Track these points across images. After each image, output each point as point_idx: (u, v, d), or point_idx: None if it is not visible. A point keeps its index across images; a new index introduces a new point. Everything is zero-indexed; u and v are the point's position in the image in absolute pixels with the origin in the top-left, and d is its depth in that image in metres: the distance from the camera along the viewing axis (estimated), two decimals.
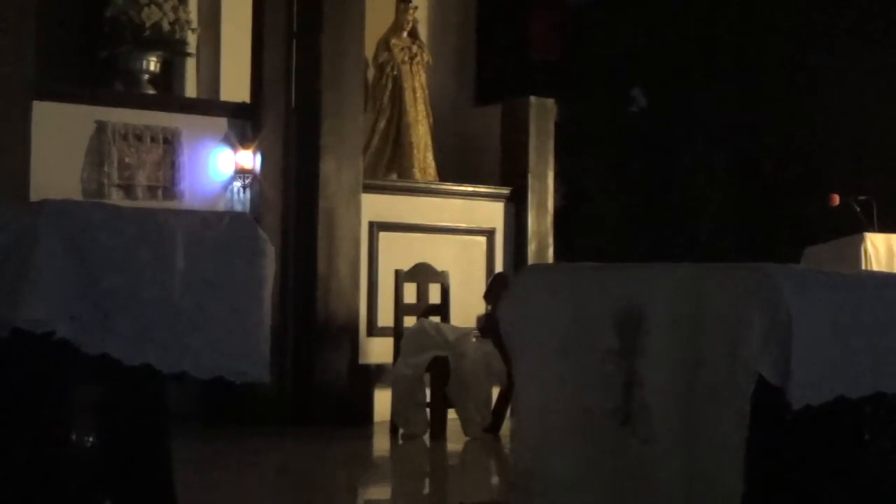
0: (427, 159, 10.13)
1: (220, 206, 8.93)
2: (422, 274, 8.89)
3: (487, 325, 8.53)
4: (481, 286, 9.24)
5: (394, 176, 10.02)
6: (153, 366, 3.66)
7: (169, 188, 8.95)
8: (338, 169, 9.02)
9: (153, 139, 8.93)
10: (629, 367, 3.87)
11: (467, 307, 9.22)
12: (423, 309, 8.82)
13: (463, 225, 9.89)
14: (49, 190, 7.27)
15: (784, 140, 10.45)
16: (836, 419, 3.80)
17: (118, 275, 3.61)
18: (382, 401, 8.75)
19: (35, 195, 7.72)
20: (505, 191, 10.16)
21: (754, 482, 3.58)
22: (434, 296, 8.91)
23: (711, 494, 3.65)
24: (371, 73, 10.18)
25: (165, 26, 9.49)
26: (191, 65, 9.95)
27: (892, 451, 4.01)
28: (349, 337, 8.97)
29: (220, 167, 9.14)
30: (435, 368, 8.26)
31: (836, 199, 8.40)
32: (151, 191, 8.90)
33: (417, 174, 10.01)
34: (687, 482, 3.72)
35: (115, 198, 8.66)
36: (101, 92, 9.16)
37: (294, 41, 9.16)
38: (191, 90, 9.93)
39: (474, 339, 8.39)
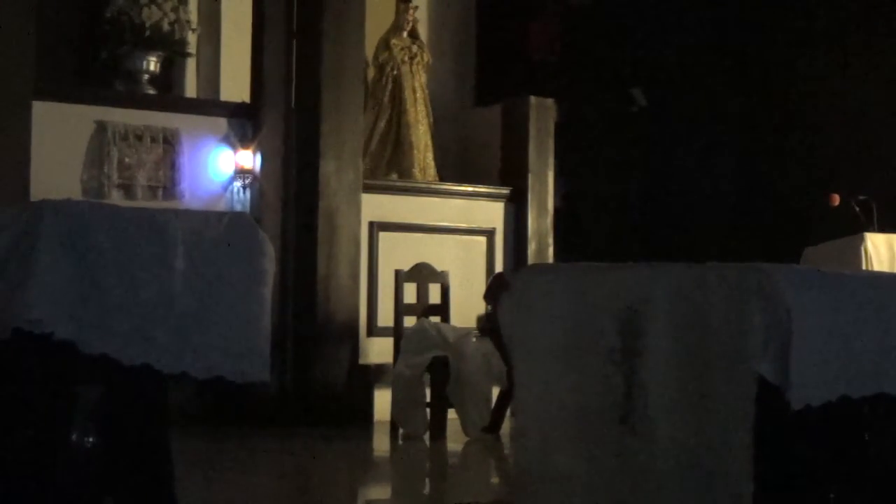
0: (427, 159, 10.12)
1: (220, 206, 8.93)
2: (422, 274, 8.88)
3: (487, 325, 8.52)
4: (481, 286, 9.23)
5: (394, 176, 10.02)
6: (153, 366, 3.66)
7: (169, 188, 8.95)
8: (338, 169, 9.02)
9: (153, 139, 8.94)
10: (629, 367, 3.87)
11: (467, 307, 9.21)
12: (423, 309, 8.81)
13: (463, 225, 9.89)
14: (49, 190, 7.26)
15: (784, 140, 10.45)
16: (836, 419, 3.80)
17: (118, 274, 3.61)
18: (382, 401, 8.74)
19: (35, 195, 7.72)
20: (505, 191, 10.15)
21: (756, 483, 3.58)
22: (434, 296, 8.90)
23: (718, 495, 3.64)
24: (371, 73, 10.18)
25: (165, 26, 9.49)
26: (191, 65, 9.95)
27: (893, 450, 4.00)
28: (349, 337, 8.97)
29: (220, 167, 9.15)
30: (435, 368, 8.25)
31: (836, 199, 8.39)
32: (151, 191, 8.91)
33: (417, 174, 10.01)
34: (690, 483, 3.72)
35: (115, 198, 8.66)
36: (101, 92, 9.17)
37: (294, 41, 9.16)
38: (191, 90, 9.92)
39: (474, 339, 8.39)
